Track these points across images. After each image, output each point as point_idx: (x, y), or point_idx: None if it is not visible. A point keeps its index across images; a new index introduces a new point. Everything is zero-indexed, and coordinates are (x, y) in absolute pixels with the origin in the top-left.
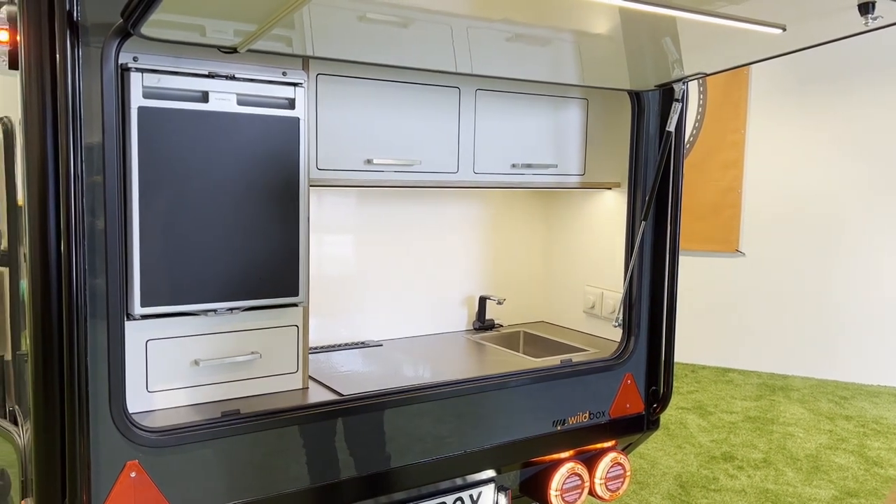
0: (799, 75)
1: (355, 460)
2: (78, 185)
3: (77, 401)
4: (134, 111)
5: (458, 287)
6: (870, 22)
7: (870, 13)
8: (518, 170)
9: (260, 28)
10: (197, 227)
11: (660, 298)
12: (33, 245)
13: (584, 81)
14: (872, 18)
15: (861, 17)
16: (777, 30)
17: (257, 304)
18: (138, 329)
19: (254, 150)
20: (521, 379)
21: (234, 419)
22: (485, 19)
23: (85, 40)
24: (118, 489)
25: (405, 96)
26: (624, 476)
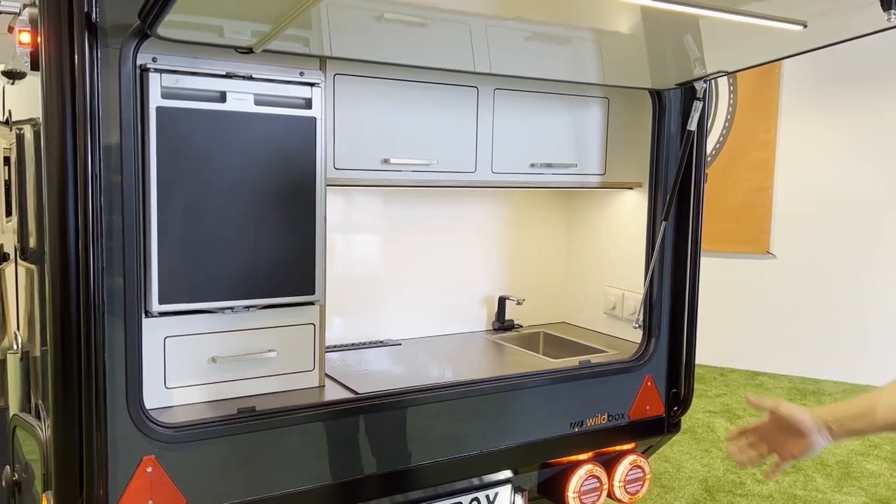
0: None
1: (370, 459)
2: (96, 183)
3: (94, 397)
4: (152, 111)
5: (478, 287)
6: (892, 18)
7: (892, 9)
8: (537, 169)
9: (274, 28)
10: (214, 226)
11: (681, 299)
12: (53, 243)
13: (604, 80)
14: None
15: (884, 12)
16: (798, 26)
17: (274, 303)
18: (157, 326)
19: (271, 150)
20: (538, 379)
21: (249, 416)
22: (503, 18)
23: (103, 41)
24: (135, 484)
25: (423, 96)
26: (644, 479)
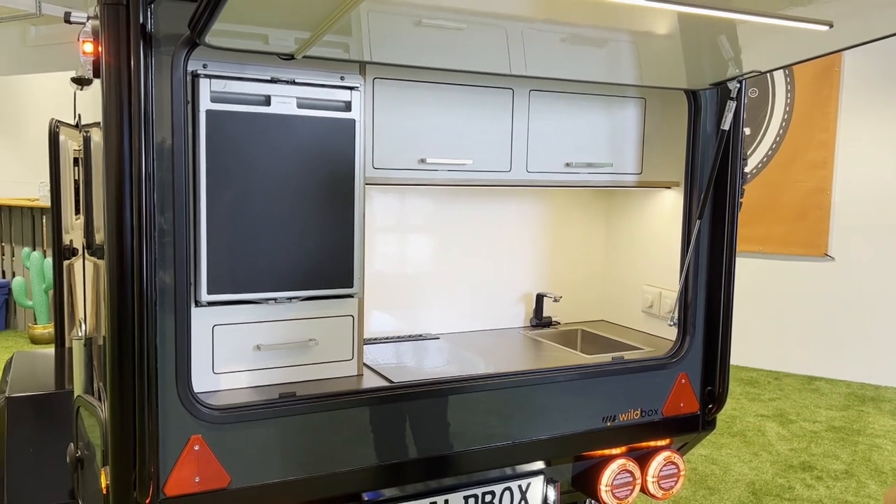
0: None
1: (404, 445)
2: (150, 182)
3: (147, 380)
4: (202, 114)
5: (517, 284)
6: None
7: None
8: (572, 169)
9: (313, 35)
10: (259, 222)
11: (716, 298)
12: (110, 238)
13: (639, 81)
14: None
15: None
16: (824, 27)
17: (314, 295)
18: (205, 315)
19: (312, 150)
20: (570, 374)
21: (290, 401)
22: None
23: (157, 50)
24: (182, 460)
25: (459, 98)
26: (678, 475)
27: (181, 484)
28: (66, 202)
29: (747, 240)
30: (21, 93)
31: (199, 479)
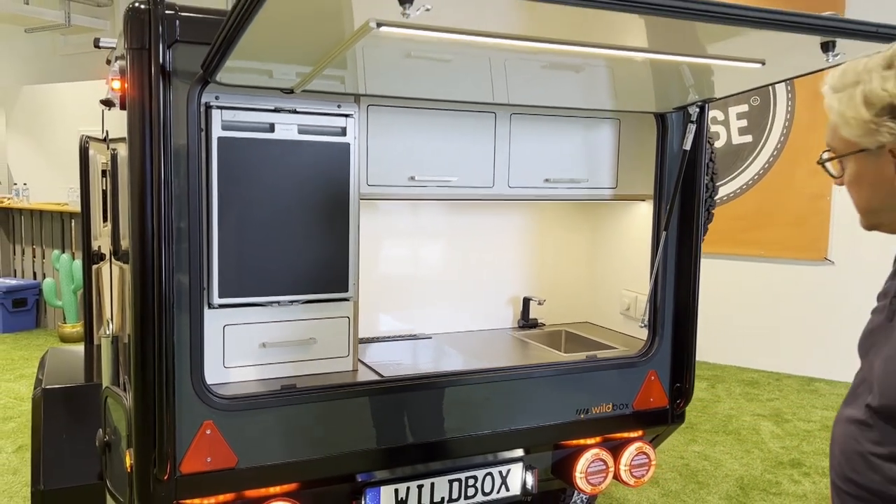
0: None
1: (393, 433)
2: (169, 199)
3: (165, 373)
4: (215, 140)
5: (505, 288)
6: (830, 59)
7: (830, 51)
8: (551, 184)
9: (309, 74)
10: (265, 234)
11: (683, 302)
12: (134, 247)
13: (612, 106)
14: (833, 55)
15: (823, 54)
16: (758, 64)
17: (313, 298)
18: (217, 316)
19: (311, 171)
20: (546, 370)
21: (291, 392)
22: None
23: (175, 86)
24: (196, 443)
25: (446, 121)
26: (649, 465)
27: (195, 463)
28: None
29: (749, 244)
30: (50, 101)
31: (211, 459)
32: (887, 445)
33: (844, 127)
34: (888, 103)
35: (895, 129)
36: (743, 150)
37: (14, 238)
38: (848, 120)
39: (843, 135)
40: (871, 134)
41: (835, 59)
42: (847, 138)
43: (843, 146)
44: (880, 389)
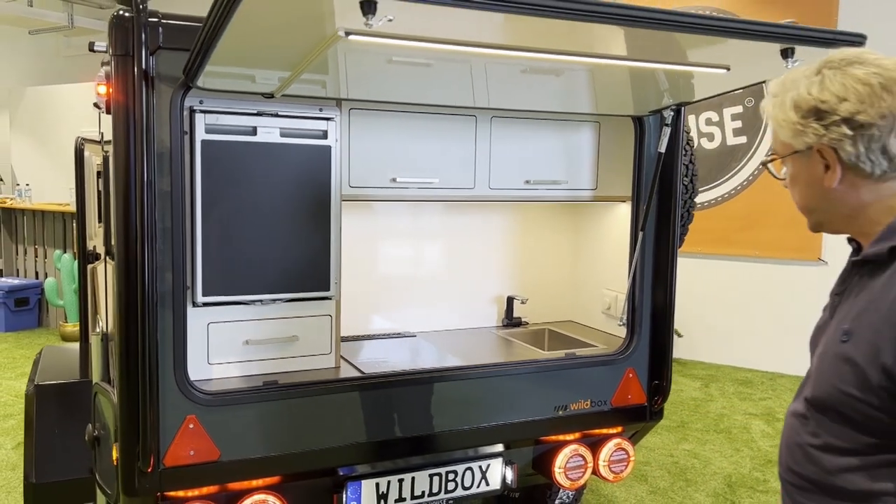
0: None
1: (374, 428)
2: (152, 199)
3: (149, 368)
4: (199, 143)
5: (490, 287)
6: (790, 65)
7: (790, 57)
8: (531, 185)
9: (288, 79)
10: (247, 234)
11: (660, 301)
12: (119, 246)
13: (591, 109)
14: (793, 62)
15: (783, 59)
16: (723, 70)
17: (296, 297)
18: (201, 314)
19: (293, 173)
20: (525, 367)
21: (272, 388)
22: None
23: (158, 91)
24: (179, 436)
25: (427, 124)
26: (628, 460)
27: (178, 456)
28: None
29: (743, 245)
30: (53, 102)
31: (194, 452)
32: (822, 437)
33: (779, 130)
34: (812, 106)
35: (819, 130)
36: (738, 151)
37: (16, 238)
38: (780, 123)
39: (780, 137)
40: (799, 135)
41: (794, 65)
42: (783, 141)
43: (781, 149)
44: (814, 383)
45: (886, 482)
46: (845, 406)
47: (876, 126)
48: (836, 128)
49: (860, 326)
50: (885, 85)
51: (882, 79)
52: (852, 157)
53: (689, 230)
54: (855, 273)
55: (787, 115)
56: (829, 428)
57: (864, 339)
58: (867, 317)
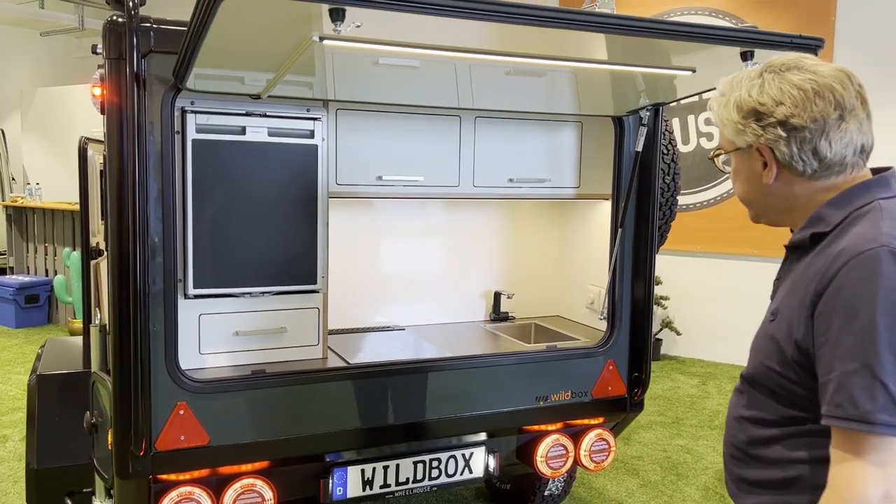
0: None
1: (359, 416)
2: (145, 196)
3: (141, 357)
4: (190, 142)
5: (478, 283)
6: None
7: (749, 60)
8: (515, 183)
9: (272, 80)
10: (237, 229)
11: (640, 296)
12: (113, 241)
13: (573, 110)
14: (752, 64)
15: (742, 62)
16: (688, 72)
17: (284, 290)
18: (193, 306)
19: (281, 171)
20: (507, 359)
21: (260, 376)
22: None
23: (150, 93)
24: (170, 422)
25: (412, 124)
26: (609, 450)
27: (169, 441)
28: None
29: (743, 243)
30: (64, 102)
31: (184, 437)
32: (752, 409)
33: (723, 127)
34: (752, 108)
35: (758, 130)
36: None
37: (27, 236)
38: (724, 121)
39: (724, 134)
40: (740, 134)
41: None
42: (727, 138)
43: (725, 144)
44: (749, 360)
45: (801, 451)
46: (770, 381)
47: (808, 129)
48: (772, 129)
49: (784, 307)
50: (817, 91)
51: (816, 85)
52: (786, 157)
53: (671, 228)
54: (787, 260)
55: (730, 115)
56: (758, 402)
57: (785, 318)
58: (788, 298)
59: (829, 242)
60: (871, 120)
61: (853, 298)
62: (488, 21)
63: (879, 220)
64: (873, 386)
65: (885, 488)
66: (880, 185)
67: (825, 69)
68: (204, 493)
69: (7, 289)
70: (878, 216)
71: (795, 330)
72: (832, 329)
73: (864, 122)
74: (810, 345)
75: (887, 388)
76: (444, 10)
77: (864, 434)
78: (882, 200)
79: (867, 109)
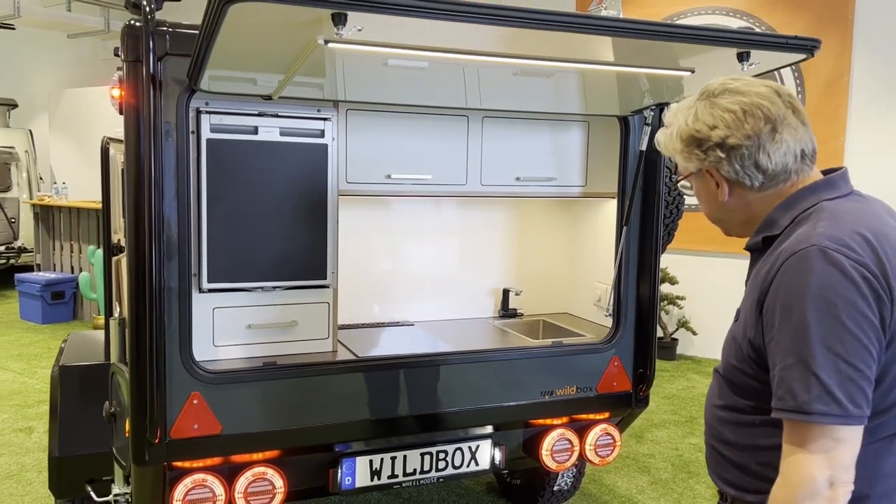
0: None
1: (367, 407)
2: (160, 194)
3: (157, 349)
4: (204, 142)
5: (487, 280)
6: (746, 68)
7: (745, 61)
8: (522, 182)
9: (281, 84)
10: (249, 225)
11: (645, 293)
12: (130, 237)
13: (579, 109)
14: (749, 65)
15: (739, 63)
16: (688, 72)
17: (294, 285)
18: (207, 300)
19: (292, 170)
20: (512, 354)
21: (270, 368)
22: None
23: (166, 94)
24: (184, 411)
25: (420, 124)
26: (614, 445)
27: (183, 430)
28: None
29: None
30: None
31: (198, 426)
32: (723, 399)
33: (673, 157)
34: (691, 135)
35: (701, 155)
36: None
37: (53, 234)
38: (671, 151)
39: (677, 162)
40: (688, 160)
41: (750, 68)
42: (681, 164)
43: (681, 170)
44: (721, 357)
45: (760, 438)
46: (733, 375)
47: (744, 146)
48: (712, 152)
49: (743, 308)
50: (746, 111)
51: (744, 104)
52: (732, 175)
53: (678, 226)
54: (750, 263)
55: (675, 145)
56: (725, 393)
57: (742, 319)
58: (746, 298)
59: (777, 244)
60: (807, 125)
61: (788, 297)
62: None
63: (818, 221)
64: (808, 378)
65: (829, 472)
66: (827, 186)
67: (752, 88)
68: (217, 481)
69: (34, 285)
70: (819, 217)
71: (749, 329)
72: (775, 327)
73: (798, 129)
74: (761, 342)
75: (820, 380)
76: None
77: (805, 424)
78: (826, 202)
79: (800, 117)
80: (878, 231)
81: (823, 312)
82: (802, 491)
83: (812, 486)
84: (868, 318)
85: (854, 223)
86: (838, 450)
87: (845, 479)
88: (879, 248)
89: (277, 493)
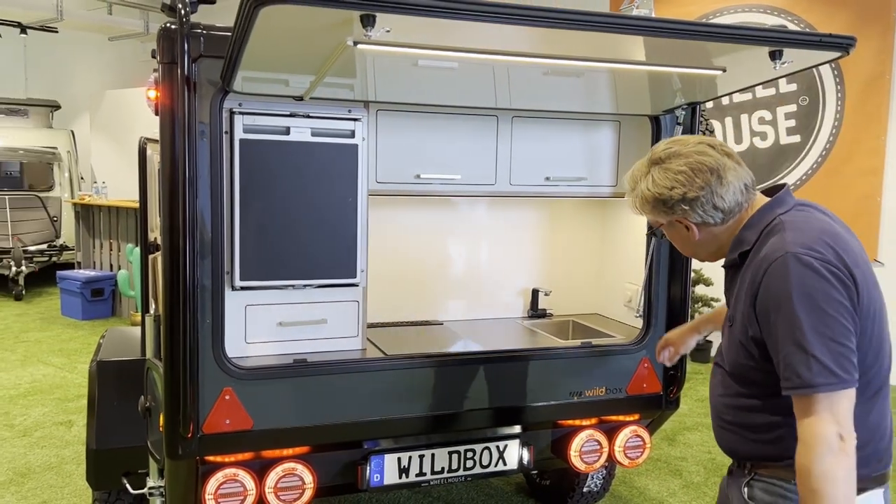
0: None
1: (396, 405)
2: (194, 194)
3: (190, 345)
4: (237, 142)
5: (517, 280)
6: (778, 66)
7: (778, 59)
8: (552, 182)
9: (312, 85)
10: (281, 225)
11: (676, 294)
12: (164, 235)
13: (609, 109)
14: (781, 64)
15: (771, 62)
16: (719, 71)
17: (325, 283)
18: (240, 297)
19: (323, 170)
20: (541, 354)
21: (301, 365)
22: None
23: (200, 95)
24: (217, 406)
25: (450, 124)
26: (643, 447)
27: (215, 424)
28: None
29: None
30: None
31: (229, 421)
32: (726, 388)
33: (644, 215)
34: (654, 198)
35: (668, 211)
36: (790, 151)
37: (93, 232)
38: (641, 211)
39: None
40: (657, 216)
41: (782, 66)
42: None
43: (654, 222)
44: (724, 355)
45: (758, 418)
46: (738, 368)
47: (701, 196)
48: (677, 206)
49: (737, 314)
50: (693, 168)
51: (690, 164)
52: (698, 219)
53: None
54: (727, 277)
55: (643, 206)
56: (728, 383)
57: (738, 321)
58: (738, 306)
59: (752, 256)
60: (742, 163)
61: (777, 296)
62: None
63: (783, 233)
64: (808, 360)
65: (836, 428)
66: (778, 203)
67: (690, 148)
68: (248, 475)
69: (75, 282)
70: (782, 228)
71: (750, 329)
72: (770, 322)
73: (737, 169)
74: (759, 335)
75: (817, 359)
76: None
77: (811, 395)
78: (782, 216)
79: (735, 159)
80: (830, 232)
81: (808, 305)
82: (821, 447)
83: (827, 443)
84: (842, 302)
85: (812, 230)
86: (840, 409)
87: (849, 429)
88: (836, 246)
89: (307, 489)
